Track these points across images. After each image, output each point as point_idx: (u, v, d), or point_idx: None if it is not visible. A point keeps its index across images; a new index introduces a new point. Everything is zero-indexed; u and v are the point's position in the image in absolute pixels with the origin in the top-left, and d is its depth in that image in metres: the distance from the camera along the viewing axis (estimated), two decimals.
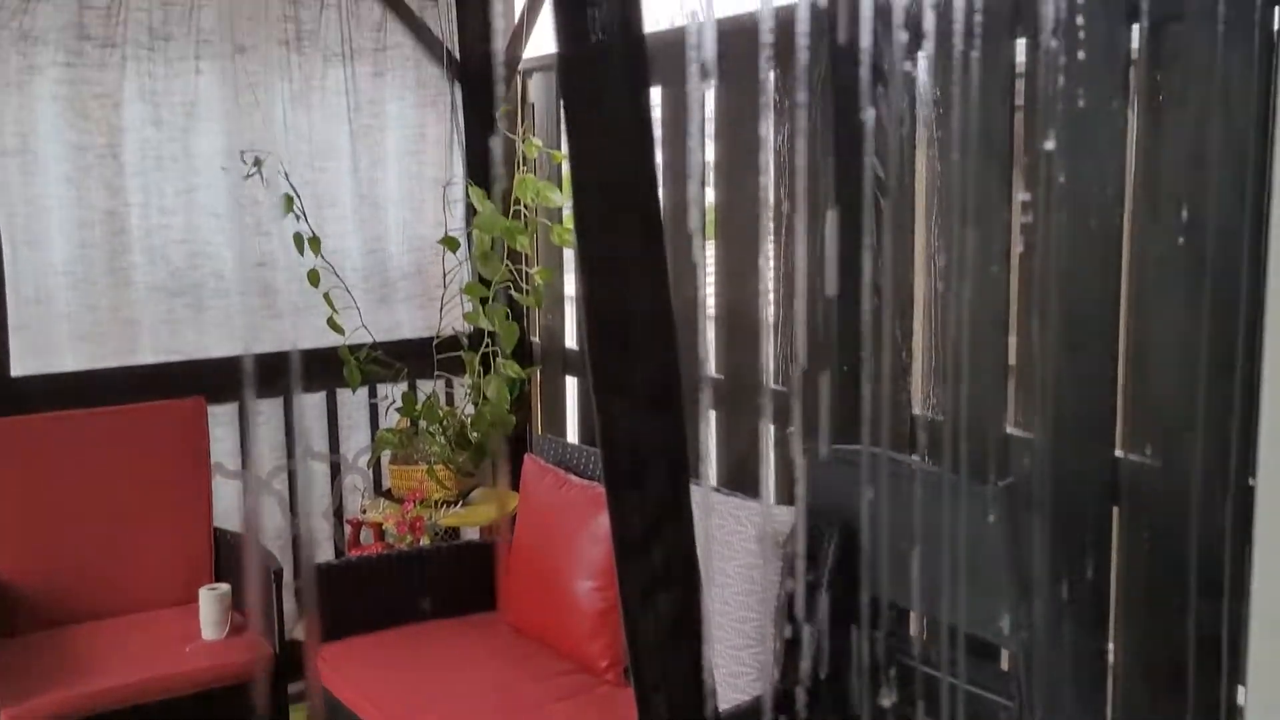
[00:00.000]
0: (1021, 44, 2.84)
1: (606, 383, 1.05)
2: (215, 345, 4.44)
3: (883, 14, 3.11)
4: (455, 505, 4.28)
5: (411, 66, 4.82)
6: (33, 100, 4.07)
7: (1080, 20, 2.54)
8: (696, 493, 1.08)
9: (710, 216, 4.06)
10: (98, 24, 4.14)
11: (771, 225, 3.92)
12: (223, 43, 4.37)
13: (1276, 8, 2.31)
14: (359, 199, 4.70)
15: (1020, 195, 2.99)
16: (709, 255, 4.09)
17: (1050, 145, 2.83)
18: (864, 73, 3.28)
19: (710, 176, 4.01)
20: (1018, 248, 3.05)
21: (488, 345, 4.40)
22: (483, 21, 4.92)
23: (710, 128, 3.89)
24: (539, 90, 4.82)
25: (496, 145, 4.75)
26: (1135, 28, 2.55)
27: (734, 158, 3.81)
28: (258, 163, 4.12)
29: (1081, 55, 2.64)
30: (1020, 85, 2.90)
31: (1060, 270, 2.79)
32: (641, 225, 1.16)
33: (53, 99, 4.10)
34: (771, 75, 3.50)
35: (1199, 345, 2.43)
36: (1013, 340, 3.06)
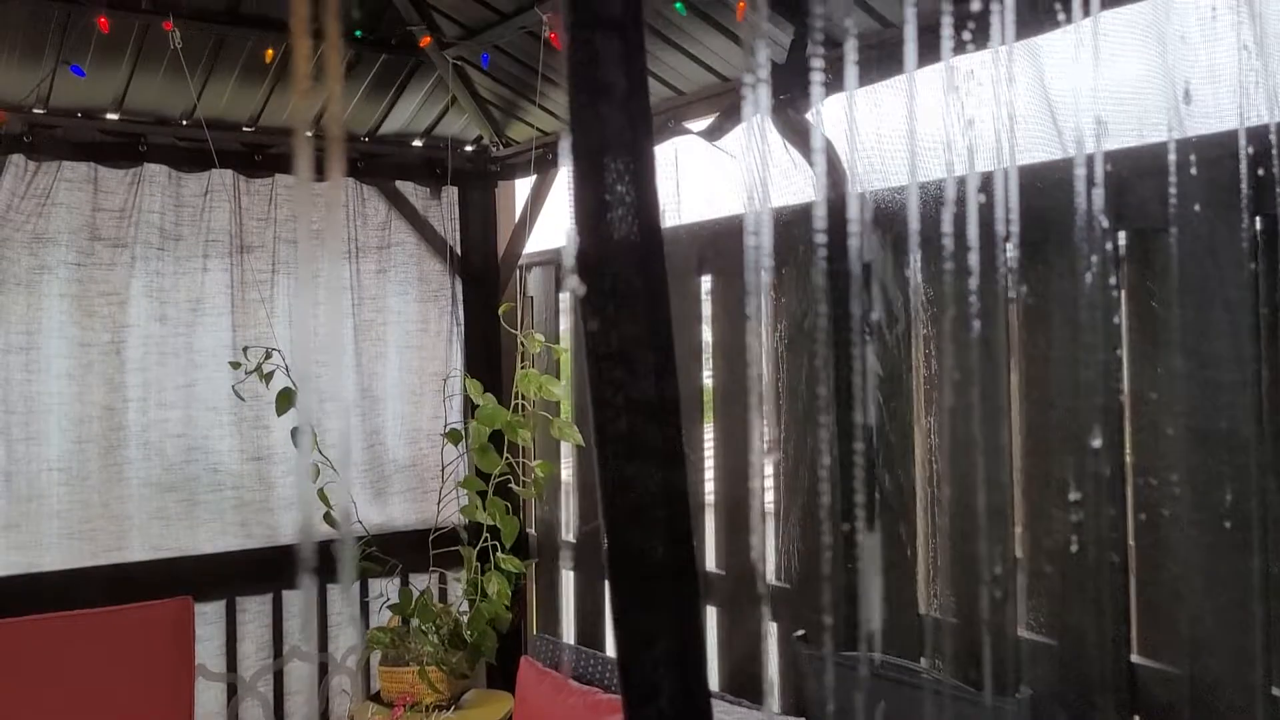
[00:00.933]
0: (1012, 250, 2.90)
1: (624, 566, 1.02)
2: (206, 541, 4.37)
3: (873, 216, 3.19)
4: (448, 709, 4.11)
5: (414, 262, 4.93)
6: (41, 299, 4.14)
7: (1076, 224, 2.61)
8: None
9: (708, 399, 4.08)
10: (110, 225, 4.26)
11: (768, 413, 3.91)
12: (232, 242, 4.48)
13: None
14: (359, 392, 4.72)
15: (1019, 393, 3.00)
16: (707, 438, 4.08)
17: (1046, 341, 2.86)
18: (859, 272, 3.35)
19: (708, 359, 4.05)
20: (1019, 443, 3.03)
21: (486, 539, 4.33)
22: (484, 219, 5.06)
23: (707, 311, 3.96)
24: (538, 284, 4.92)
25: (499, 340, 4.81)
26: (1120, 233, 2.61)
27: (731, 342, 3.85)
28: (265, 355, 4.15)
29: (1070, 260, 2.70)
30: (1014, 282, 2.96)
31: (1063, 474, 2.77)
32: (658, 404, 1.16)
33: (60, 297, 4.17)
34: (765, 273, 3.57)
35: (1219, 551, 2.38)
36: (1019, 531, 3.00)
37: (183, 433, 4.36)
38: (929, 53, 1.54)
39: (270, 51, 4.24)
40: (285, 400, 4.16)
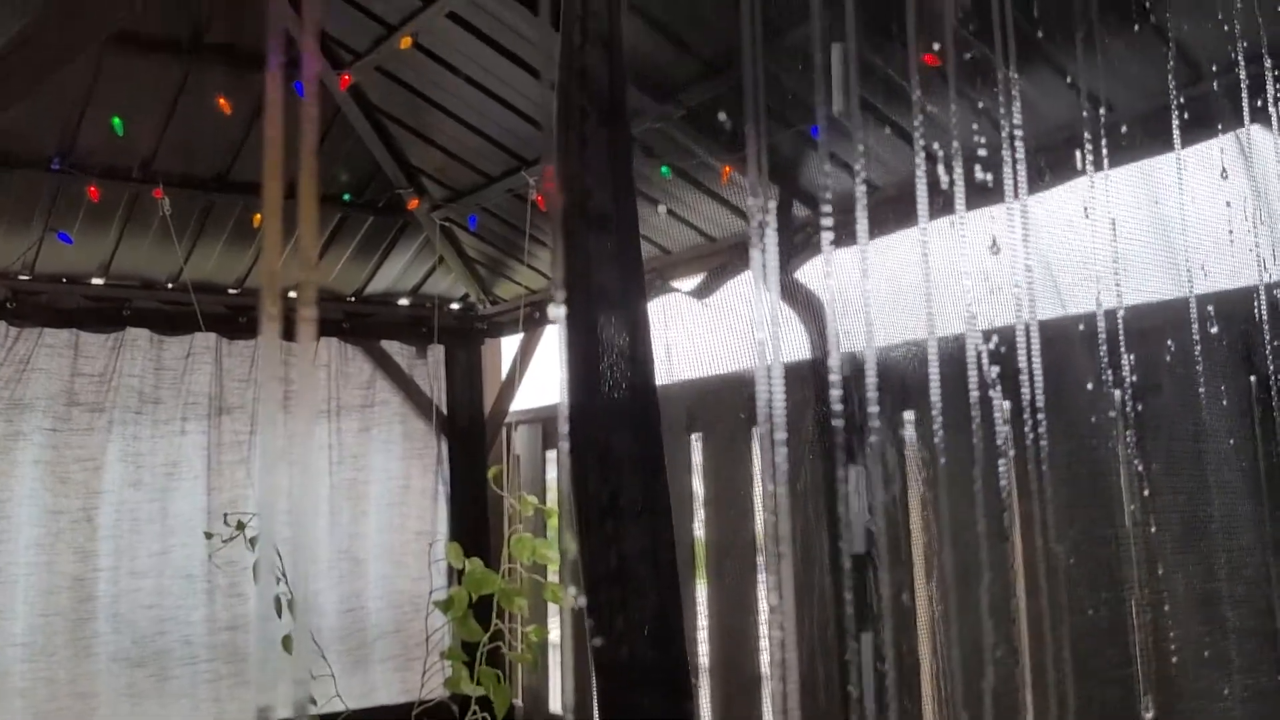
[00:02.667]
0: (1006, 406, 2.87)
1: None
2: (177, 718, 4.15)
3: (867, 373, 3.16)
4: None
5: (399, 421, 4.86)
6: (14, 465, 4.03)
7: (1064, 382, 2.58)
8: None
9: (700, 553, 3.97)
10: (89, 391, 4.19)
11: (764, 570, 3.80)
12: (211, 404, 4.42)
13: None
14: (338, 554, 4.58)
15: (1017, 548, 2.92)
16: (699, 596, 3.95)
17: (1046, 495, 2.80)
18: (852, 431, 3.30)
19: (700, 513, 3.96)
20: (1025, 606, 2.93)
21: (475, 713, 4.13)
22: (471, 377, 5.03)
23: (698, 464, 3.89)
24: (525, 443, 4.85)
25: (485, 499, 4.71)
26: (1117, 392, 2.58)
27: (722, 498, 3.76)
28: (240, 525, 4.03)
29: (1067, 417, 2.67)
30: (1009, 438, 2.91)
31: (1072, 640, 2.67)
32: (653, 550, 1.09)
33: (34, 464, 4.07)
34: (756, 431, 3.52)
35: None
36: (1029, 699, 2.87)
37: (154, 603, 4.20)
38: (907, 217, 1.53)
39: (259, 215, 4.26)
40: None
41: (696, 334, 3.85)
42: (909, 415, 3.14)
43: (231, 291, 4.54)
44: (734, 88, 3.01)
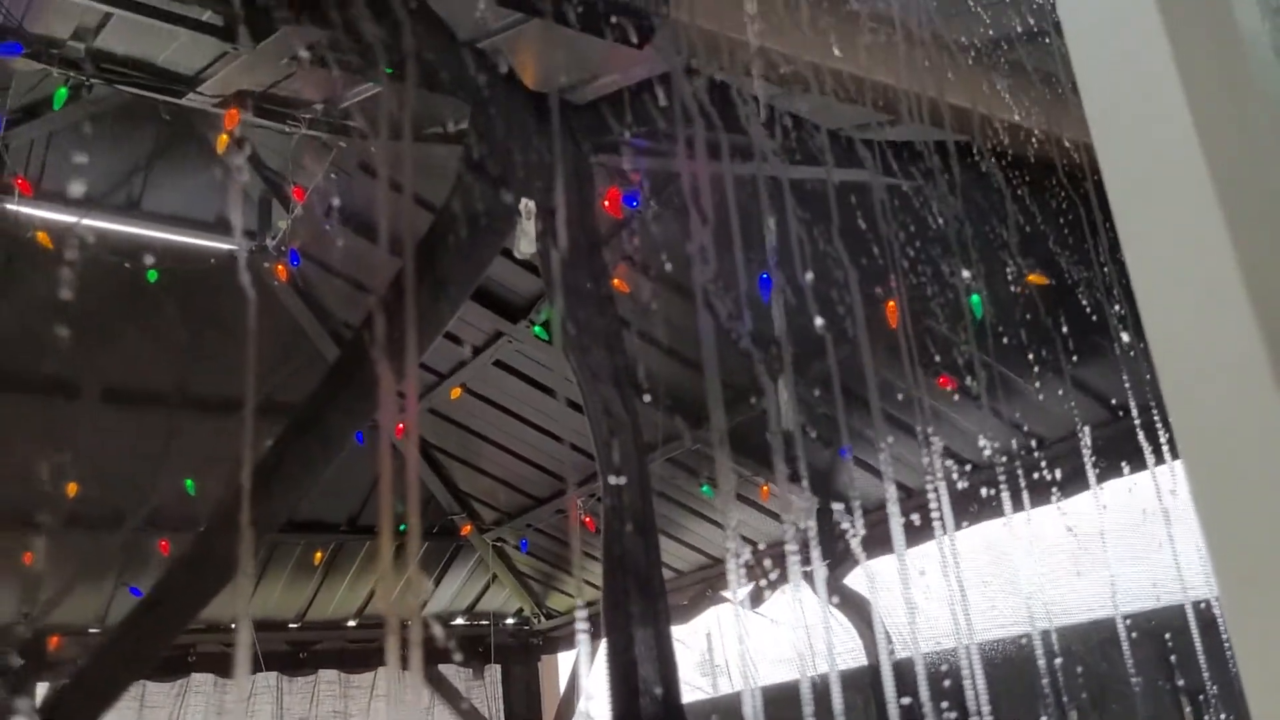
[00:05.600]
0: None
1: None
2: None
3: (925, 677, 3.17)
4: None
5: None
6: None
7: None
8: None
9: None
10: None
11: None
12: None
13: None
14: None
15: None
16: None
17: None
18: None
19: None
20: None
21: None
22: (529, 693, 5.00)
23: None
24: None
25: None
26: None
27: None
28: None
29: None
30: None
31: None
32: None
33: None
34: None
35: None
36: None
37: None
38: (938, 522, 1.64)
39: (320, 553, 4.44)
40: None
41: (758, 642, 3.88)
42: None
43: (292, 626, 4.64)
44: (764, 412, 3.21)
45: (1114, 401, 2.71)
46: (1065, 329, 2.49)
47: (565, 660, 5.02)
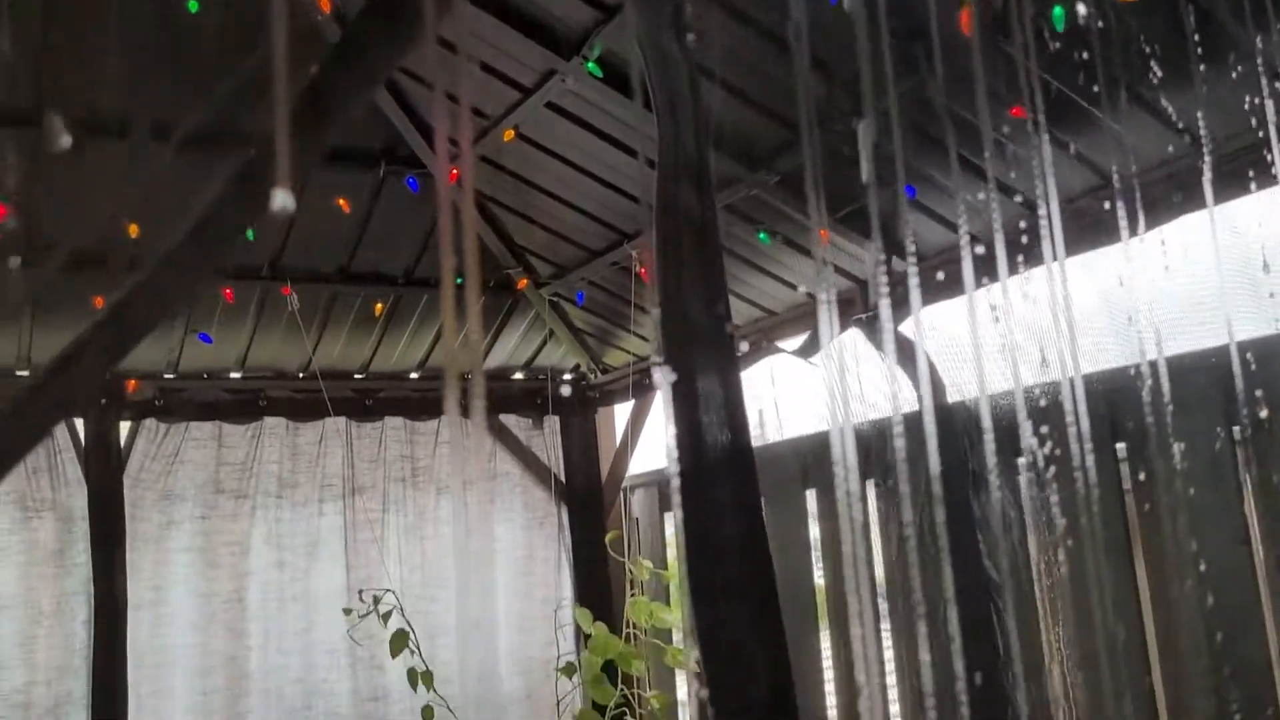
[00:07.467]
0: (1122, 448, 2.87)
1: None
2: None
3: (974, 423, 3.19)
4: None
5: (519, 492, 5.02)
6: (169, 554, 4.30)
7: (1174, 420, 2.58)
8: None
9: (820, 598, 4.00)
10: (233, 479, 4.46)
11: (887, 615, 3.80)
12: (344, 485, 4.65)
13: None
14: (469, 625, 4.73)
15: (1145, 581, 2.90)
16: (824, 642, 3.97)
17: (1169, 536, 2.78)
18: (969, 478, 3.32)
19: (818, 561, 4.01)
20: (1155, 644, 2.90)
21: None
22: (586, 445, 5.17)
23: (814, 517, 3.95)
24: (642, 506, 4.96)
25: (606, 566, 4.81)
26: (1235, 428, 2.57)
27: (840, 552, 3.80)
28: (375, 600, 4.21)
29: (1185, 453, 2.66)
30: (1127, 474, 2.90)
31: (1201, 661, 2.63)
32: (757, 593, 1.17)
33: (186, 550, 4.33)
34: (870, 483, 3.56)
35: None
36: None
37: (302, 677, 4.40)
38: (1005, 265, 1.59)
39: (380, 304, 4.52)
40: (399, 642, 4.19)
41: (808, 389, 3.92)
42: (1023, 459, 3.16)
43: (357, 376, 4.79)
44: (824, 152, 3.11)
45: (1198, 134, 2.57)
46: (1153, 51, 2.33)
47: (621, 411, 5.14)
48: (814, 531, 3.98)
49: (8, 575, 3.99)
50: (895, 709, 3.73)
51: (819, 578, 4.07)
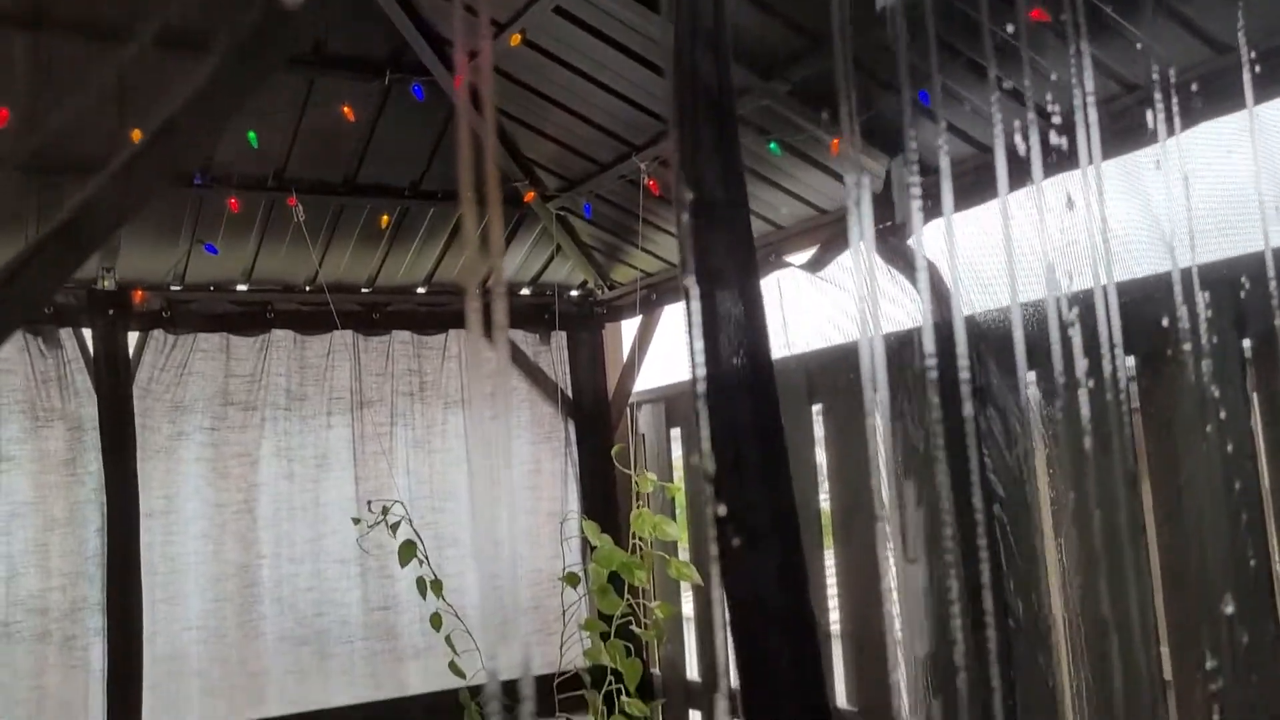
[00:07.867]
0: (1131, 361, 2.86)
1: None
2: (338, 693, 4.43)
3: (982, 337, 3.17)
4: None
5: (527, 407, 5.04)
6: (179, 464, 4.35)
7: (1189, 330, 2.56)
8: None
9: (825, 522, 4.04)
10: (241, 390, 4.48)
11: (889, 535, 3.84)
12: (353, 398, 4.67)
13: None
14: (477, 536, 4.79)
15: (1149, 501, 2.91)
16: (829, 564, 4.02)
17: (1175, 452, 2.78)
18: (975, 394, 3.31)
19: (824, 482, 4.03)
20: (1157, 558, 2.92)
21: (611, 683, 4.29)
22: (593, 361, 5.18)
23: (820, 435, 3.96)
24: (649, 422, 4.98)
25: (613, 480, 4.85)
26: (1246, 341, 2.55)
27: (845, 467, 3.82)
28: (384, 510, 4.26)
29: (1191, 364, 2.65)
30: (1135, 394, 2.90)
31: (1204, 577, 2.65)
32: (775, 519, 1.18)
33: (196, 461, 4.37)
34: (880, 395, 3.56)
35: None
36: (1166, 652, 2.87)
37: (313, 586, 4.47)
38: (1022, 175, 1.56)
39: (385, 217, 4.48)
40: (408, 551, 4.24)
41: (814, 306, 3.90)
42: (1030, 374, 3.15)
43: (364, 290, 4.78)
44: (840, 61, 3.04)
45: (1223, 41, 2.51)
46: None
47: (628, 327, 5.13)
48: (820, 456, 3.99)
49: (20, 483, 4.03)
50: (898, 624, 3.78)
51: (825, 499, 4.09)
